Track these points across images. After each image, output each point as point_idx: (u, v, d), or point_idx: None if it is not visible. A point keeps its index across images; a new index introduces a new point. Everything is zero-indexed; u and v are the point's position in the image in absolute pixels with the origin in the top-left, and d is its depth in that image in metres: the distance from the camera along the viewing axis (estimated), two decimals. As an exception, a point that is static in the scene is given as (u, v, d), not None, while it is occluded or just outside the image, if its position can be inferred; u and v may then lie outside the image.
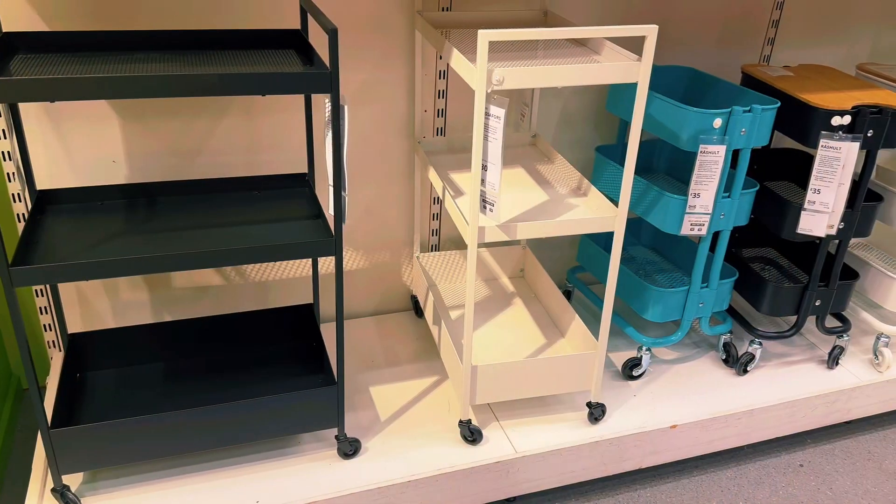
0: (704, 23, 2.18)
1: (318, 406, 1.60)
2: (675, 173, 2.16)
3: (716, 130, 1.68)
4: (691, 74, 2.02)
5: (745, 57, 2.28)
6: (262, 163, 1.90)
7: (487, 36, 1.36)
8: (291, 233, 1.51)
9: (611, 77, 1.46)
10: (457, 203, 1.69)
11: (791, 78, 1.93)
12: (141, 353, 1.80)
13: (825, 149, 1.74)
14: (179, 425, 1.52)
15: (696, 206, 1.76)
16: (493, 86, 1.41)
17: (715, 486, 1.90)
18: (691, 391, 1.95)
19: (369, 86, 1.92)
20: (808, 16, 2.29)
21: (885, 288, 2.07)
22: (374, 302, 2.21)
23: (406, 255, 2.18)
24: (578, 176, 1.82)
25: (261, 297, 2.06)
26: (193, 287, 1.98)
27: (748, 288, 2.01)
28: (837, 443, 2.08)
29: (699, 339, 2.17)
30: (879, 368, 2.08)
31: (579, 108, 2.16)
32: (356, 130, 1.96)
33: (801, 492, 1.90)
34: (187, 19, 1.70)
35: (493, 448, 1.73)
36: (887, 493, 1.92)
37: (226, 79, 1.27)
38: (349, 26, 1.83)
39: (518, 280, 2.25)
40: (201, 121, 1.81)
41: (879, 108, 1.76)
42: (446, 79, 1.99)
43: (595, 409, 1.81)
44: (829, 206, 1.79)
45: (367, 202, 2.06)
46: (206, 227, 1.53)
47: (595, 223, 1.62)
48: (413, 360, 2.02)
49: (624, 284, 1.98)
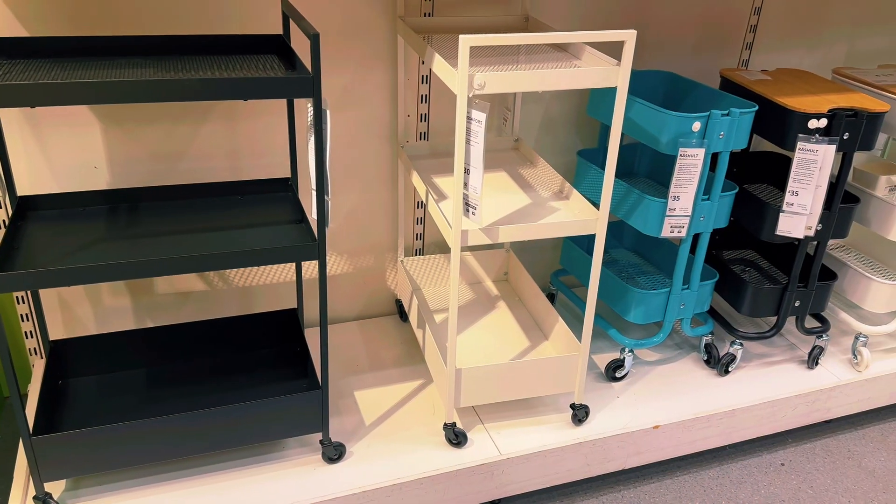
0: (684, 28, 2.21)
1: (302, 411, 1.60)
2: (656, 176, 2.18)
3: (695, 134, 1.70)
4: (671, 79, 2.04)
5: (724, 61, 2.31)
6: (244, 168, 1.90)
7: (469, 41, 1.38)
8: (274, 237, 1.52)
9: (590, 81, 1.47)
10: (440, 207, 1.70)
11: (769, 82, 1.96)
12: (123, 359, 1.79)
13: (802, 151, 1.77)
14: (162, 431, 1.52)
15: (675, 208, 1.78)
16: (474, 90, 1.43)
17: (698, 486, 1.92)
18: (674, 392, 1.97)
19: (352, 90, 1.92)
20: (786, 21, 2.33)
21: (863, 288, 2.10)
22: (358, 306, 2.21)
23: (390, 259, 2.19)
24: (560, 179, 1.83)
25: (245, 303, 2.06)
26: (176, 293, 1.97)
27: (729, 289, 2.03)
28: (818, 442, 2.11)
29: (681, 340, 2.19)
30: (858, 368, 2.11)
31: (561, 112, 2.18)
32: (339, 135, 1.97)
33: (782, 490, 1.92)
34: (169, 24, 1.70)
35: (477, 451, 1.74)
36: (866, 491, 1.94)
37: (207, 84, 1.27)
38: (332, 31, 1.84)
39: (502, 283, 2.26)
40: (183, 126, 1.80)
41: (854, 111, 1.79)
42: (429, 83, 2.00)
43: (578, 410, 1.82)
44: (807, 208, 1.82)
45: (351, 206, 2.07)
46: (189, 232, 1.53)
47: (576, 226, 1.64)
48: (398, 364, 2.02)
49: (606, 287, 2.00)
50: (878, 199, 2.02)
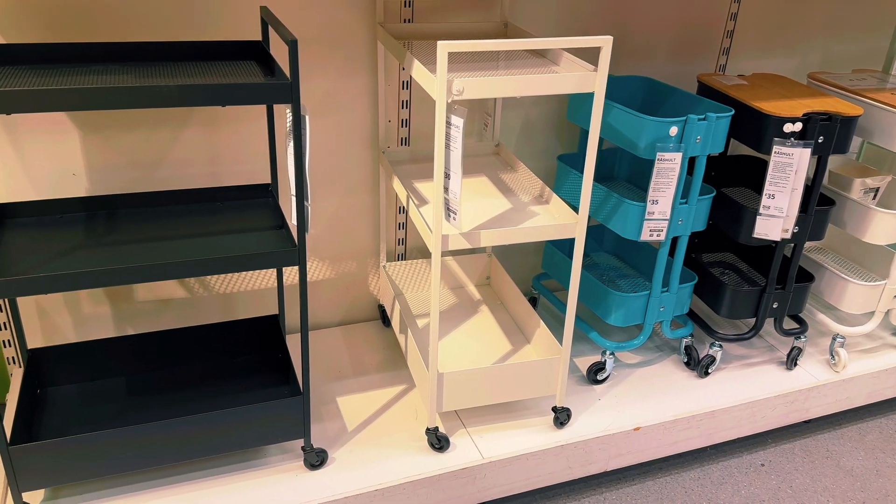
0: (662, 34, 2.23)
1: (283, 417, 1.60)
2: (636, 181, 2.20)
3: (672, 138, 1.72)
4: (649, 84, 2.06)
5: (702, 66, 2.34)
6: (224, 174, 1.89)
7: (447, 47, 1.39)
8: (254, 243, 1.51)
9: (568, 87, 1.49)
10: (420, 212, 1.70)
11: (745, 87, 1.99)
12: (103, 367, 1.78)
13: (778, 155, 1.79)
14: (143, 439, 1.51)
15: (654, 212, 1.79)
16: (453, 96, 1.44)
17: (679, 488, 1.93)
18: (654, 394, 1.98)
19: (332, 96, 1.93)
20: (762, 27, 2.36)
21: (840, 290, 2.13)
22: (340, 312, 2.21)
23: (373, 264, 2.19)
24: (540, 184, 1.84)
25: (226, 309, 2.05)
26: (156, 300, 1.96)
27: (707, 292, 2.05)
28: (797, 442, 2.13)
29: (661, 342, 2.21)
30: (836, 368, 2.14)
31: (541, 117, 2.20)
32: (320, 140, 1.97)
33: (762, 491, 1.94)
34: (147, 31, 1.70)
35: (460, 455, 1.74)
36: (845, 490, 1.97)
37: (185, 90, 1.27)
38: (312, 37, 1.84)
39: (484, 288, 2.27)
40: (162, 132, 1.80)
41: (829, 115, 1.82)
42: (409, 89, 2.01)
43: (560, 413, 1.83)
44: (784, 211, 1.84)
45: (333, 212, 2.07)
46: (168, 238, 1.52)
47: (556, 230, 1.65)
48: (380, 370, 2.02)
49: (587, 290, 2.01)
50: (853, 202, 2.05)
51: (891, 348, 2.26)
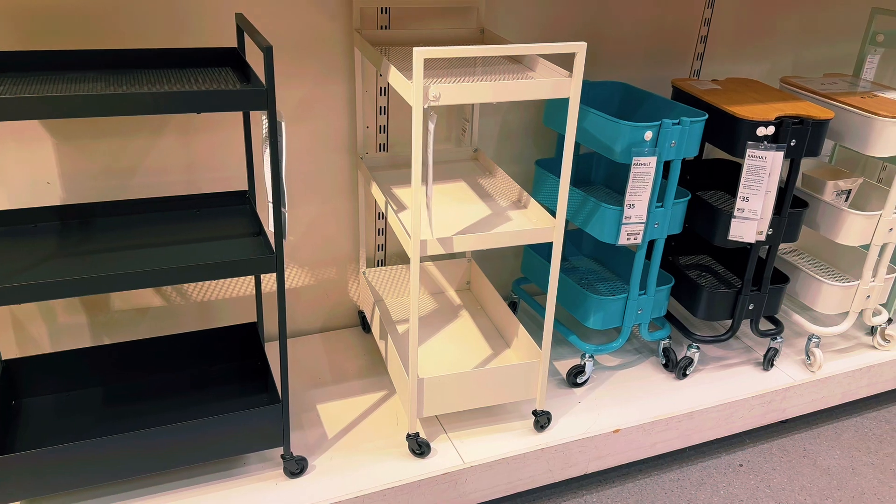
0: (637, 40, 2.25)
1: (262, 425, 1.59)
2: (613, 185, 2.22)
3: (647, 143, 1.74)
4: (625, 89, 2.08)
5: (677, 71, 2.37)
6: (201, 181, 1.88)
7: (423, 53, 1.39)
8: (231, 251, 1.51)
9: (543, 92, 1.50)
10: (399, 217, 1.71)
11: (719, 91, 2.01)
12: (79, 377, 1.76)
13: (751, 158, 1.82)
14: (120, 450, 1.49)
15: (631, 216, 1.81)
16: (429, 101, 1.44)
17: (658, 489, 1.94)
18: (633, 396, 2.00)
19: (310, 102, 1.92)
20: (735, 32, 2.40)
21: (815, 291, 2.16)
22: (320, 319, 2.21)
23: (352, 270, 2.18)
24: (518, 189, 1.85)
25: (203, 318, 2.04)
26: (133, 309, 1.95)
27: (684, 294, 2.07)
28: (774, 442, 2.15)
29: (640, 345, 2.23)
30: (812, 368, 2.16)
31: (519, 122, 2.21)
32: (298, 147, 1.96)
33: (741, 491, 1.96)
34: (122, 39, 1.69)
35: (441, 460, 1.74)
36: (822, 489, 1.99)
37: (160, 97, 1.27)
38: (288, 44, 1.84)
39: (464, 292, 2.28)
40: (138, 140, 1.79)
41: (801, 118, 1.85)
42: (387, 95, 2.01)
43: (540, 416, 1.84)
44: (758, 213, 1.87)
45: (311, 219, 2.06)
46: (144, 246, 1.51)
47: (534, 234, 1.66)
48: (361, 376, 2.02)
49: (566, 294, 2.03)
50: (826, 204, 2.08)
51: (865, 348, 2.29)
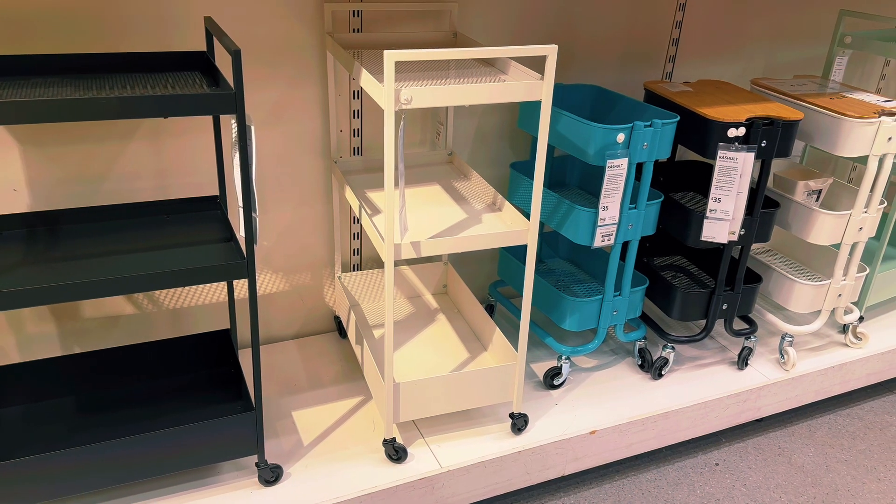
0: (609, 42, 2.27)
1: (235, 434, 1.57)
2: (588, 187, 2.23)
3: (620, 145, 1.75)
4: (598, 92, 2.09)
5: (649, 74, 2.39)
6: (172, 186, 1.86)
7: (393, 56, 1.39)
8: (202, 257, 1.49)
9: (515, 95, 1.50)
10: (373, 221, 1.70)
11: (690, 93, 2.03)
12: (49, 387, 1.72)
13: (723, 159, 1.83)
14: (91, 460, 1.46)
15: (605, 217, 1.82)
16: (401, 105, 1.44)
17: (636, 489, 1.95)
18: (610, 397, 2.00)
19: (282, 106, 1.91)
20: (707, 34, 2.42)
21: (787, 290, 2.18)
22: (296, 325, 2.19)
23: (327, 275, 2.17)
24: (493, 192, 1.85)
25: (176, 325, 2.01)
26: (104, 317, 1.92)
27: (659, 295, 2.08)
28: (750, 440, 2.17)
29: (616, 346, 2.23)
30: (785, 367, 2.18)
31: (493, 126, 2.21)
32: (271, 151, 1.95)
33: (717, 490, 1.97)
34: (89, 43, 1.66)
35: (418, 465, 1.73)
36: (797, 486, 2.01)
37: (126, 102, 1.25)
38: (259, 47, 1.83)
39: (441, 296, 2.27)
40: (107, 146, 1.76)
41: (771, 119, 1.86)
42: (360, 99, 2.00)
43: (518, 419, 1.83)
44: (730, 214, 1.88)
45: (285, 223, 2.04)
46: (114, 253, 1.49)
47: (508, 237, 1.66)
48: (337, 382, 2.01)
49: (542, 296, 2.03)
50: (797, 204, 2.10)
51: (837, 346, 2.32)
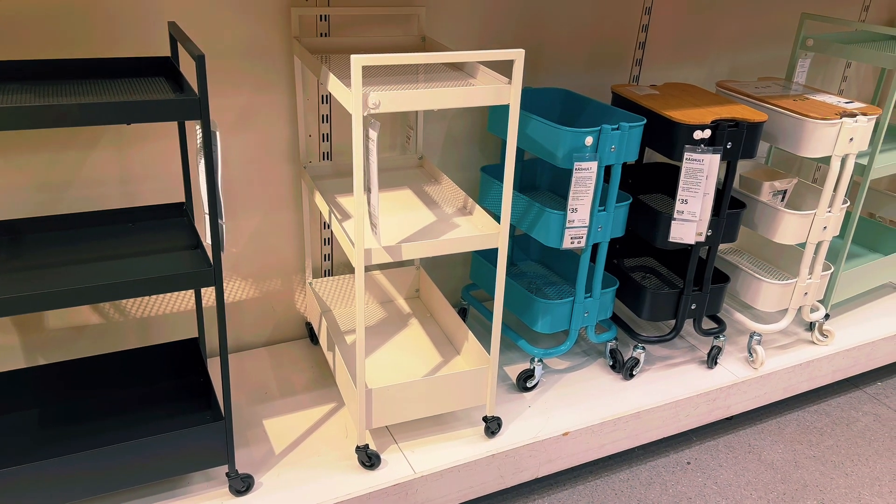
0: (577, 46, 2.28)
1: (205, 444, 1.54)
2: (558, 190, 2.24)
3: (588, 148, 1.76)
4: (566, 96, 2.10)
5: (617, 77, 2.41)
6: (137, 193, 1.83)
7: (360, 60, 1.38)
8: (168, 264, 1.47)
9: (483, 99, 1.50)
10: (343, 226, 1.69)
11: (656, 96, 2.05)
12: (13, 400, 1.68)
13: (689, 161, 1.85)
14: (58, 474, 1.43)
15: (574, 220, 1.83)
16: (369, 109, 1.43)
17: (609, 490, 1.96)
18: (582, 398, 2.01)
19: (250, 111, 1.89)
20: (672, 38, 2.45)
21: (755, 289, 2.22)
22: (266, 332, 2.17)
23: (298, 281, 2.15)
24: (464, 196, 1.85)
25: (143, 334, 1.98)
26: (69, 327, 1.88)
27: (629, 296, 2.10)
28: (721, 439, 2.20)
29: (588, 347, 2.25)
30: (754, 365, 2.21)
31: (464, 130, 2.21)
32: (239, 157, 1.93)
33: (688, 488, 1.99)
34: (50, 48, 1.63)
35: (391, 471, 1.72)
36: (766, 483, 2.04)
37: (87, 108, 1.23)
38: (226, 52, 1.81)
39: (414, 300, 2.27)
40: (70, 153, 1.73)
41: (736, 121, 1.89)
42: (329, 103, 1.99)
43: (491, 423, 1.83)
44: (697, 215, 1.91)
45: (254, 229, 2.02)
46: (78, 263, 1.46)
47: (479, 240, 1.66)
48: (309, 389, 1.99)
49: (514, 299, 2.03)
50: (763, 204, 2.14)
51: (804, 343, 2.36)
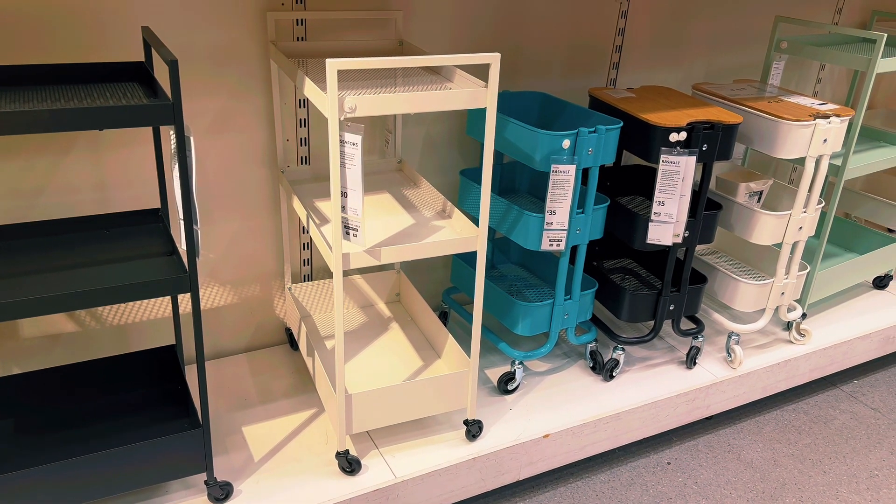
0: (555, 50, 2.30)
1: (182, 452, 1.53)
2: (538, 193, 2.25)
3: (565, 151, 1.77)
4: (544, 99, 2.11)
5: (595, 80, 2.42)
6: (113, 200, 1.81)
7: (335, 64, 1.38)
8: (143, 271, 1.45)
9: (459, 103, 1.51)
10: (321, 231, 1.68)
11: (633, 99, 2.06)
12: (-16, 411, 1.66)
13: (665, 163, 1.87)
14: (34, 484, 1.41)
15: (553, 222, 1.83)
16: (345, 113, 1.43)
17: (590, 491, 1.97)
18: (563, 400, 2.02)
19: (227, 116, 1.88)
20: (649, 41, 2.47)
21: (732, 290, 2.24)
22: (245, 338, 2.15)
23: (277, 287, 2.14)
24: (442, 199, 1.85)
25: (120, 342, 1.96)
26: (44, 336, 1.85)
27: (608, 297, 2.11)
28: (700, 438, 2.21)
29: (568, 349, 2.26)
30: (733, 365, 2.23)
31: (443, 133, 2.22)
32: (216, 162, 1.92)
33: (669, 489, 2.00)
34: (24, 53, 1.61)
35: (372, 476, 1.72)
36: (746, 482, 2.06)
37: (59, 114, 1.21)
38: (200, 57, 1.79)
39: (394, 305, 2.26)
40: (44, 159, 1.71)
41: (711, 123, 1.91)
42: (307, 108, 1.99)
43: (472, 426, 1.83)
44: (674, 217, 1.92)
45: (232, 235, 2.01)
46: (52, 270, 1.44)
47: (458, 244, 1.66)
48: (289, 395, 1.98)
49: (494, 301, 2.03)
50: (740, 205, 2.16)
51: (782, 343, 2.38)
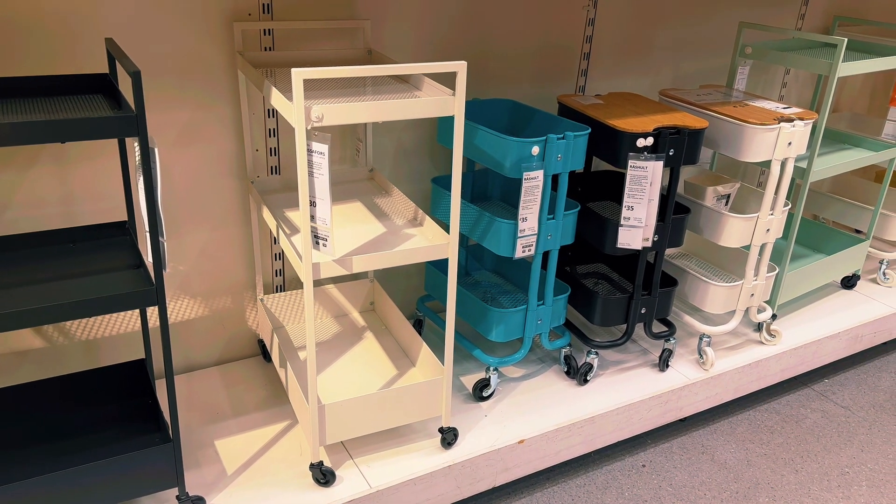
0: (523, 57, 2.31)
1: (153, 467, 1.51)
2: (509, 199, 2.26)
3: (535, 157, 1.78)
4: (513, 106, 2.13)
5: (564, 88, 2.45)
6: (80, 213, 1.79)
7: (301, 74, 1.38)
8: (109, 285, 1.43)
9: (427, 111, 1.51)
10: (291, 241, 1.68)
11: (601, 105, 2.09)
12: (-52, 431, 1.62)
13: (633, 168, 1.89)
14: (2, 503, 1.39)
15: (525, 229, 1.84)
16: (312, 122, 1.42)
17: (566, 496, 1.97)
18: (537, 405, 2.02)
19: (194, 127, 1.87)
20: (616, 48, 2.50)
21: (702, 292, 2.26)
22: (217, 350, 2.13)
23: (249, 298, 2.12)
24: (414, 207, 1.86)
25: (90, 357, 1.93)
26: (10, 352, 1.82)
27: (581, 302, 2.12)
28: (674, 440, 2.23)
29: (543, 354, 2.26)
30: (704, 367, 2.26)
31: (414, 141, 2.22)
32: (184, 173, 1.90)
33: (644, 491, 2.01)
34: (-18, 66, 1.59)
35: (347, 487, 1.71)
36: (720, 483, 2.08)
37: (19, 127, 1.20)
38: (166, 68, 1.78)
39: (369, 314, 2.26)
40: (7, 173, 1.68)
41: (678, 128, 1.94)
42: (276, 117, 1.98)
43: (447, 433, 1.83)
44: (643, 221, 1.94)
45: (202, 247, 1.99)
46: (16, 286, 1.42)
47: (429, 251, 1.66)
48: (262, 408, 1.96)
49: (468, 308, 2.04)
50: (708, 209, 2.19)
51: (753, 344, 2.41)
